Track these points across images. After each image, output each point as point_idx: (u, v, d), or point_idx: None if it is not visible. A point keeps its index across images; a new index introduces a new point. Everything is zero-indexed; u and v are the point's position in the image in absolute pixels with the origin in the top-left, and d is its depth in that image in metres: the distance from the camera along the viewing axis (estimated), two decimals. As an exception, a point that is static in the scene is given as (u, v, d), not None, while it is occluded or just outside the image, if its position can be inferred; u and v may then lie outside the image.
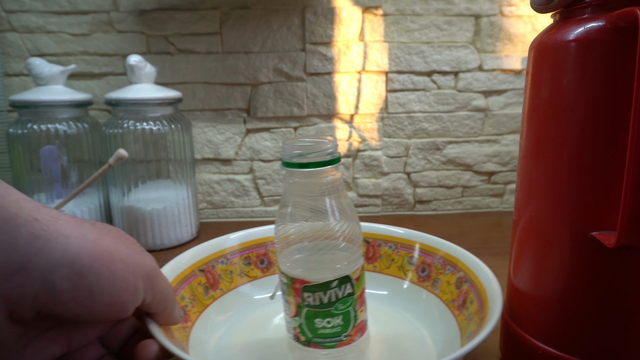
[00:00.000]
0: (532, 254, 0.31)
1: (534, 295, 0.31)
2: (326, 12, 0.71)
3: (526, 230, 0.32)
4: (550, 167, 0.29)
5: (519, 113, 0.76)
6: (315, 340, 0.33)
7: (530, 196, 0.31)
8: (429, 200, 0.79)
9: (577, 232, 0.28)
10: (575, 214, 0.28)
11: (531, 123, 0.31)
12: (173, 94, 0.63)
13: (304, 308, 0.32)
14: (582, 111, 0.27)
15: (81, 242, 0.24)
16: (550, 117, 0.29)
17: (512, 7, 0.72)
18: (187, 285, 0.40)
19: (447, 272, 0.42)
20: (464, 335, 0.35)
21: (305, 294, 0.32)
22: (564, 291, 0.29)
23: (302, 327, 0.33)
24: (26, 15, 0.69)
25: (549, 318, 0.30)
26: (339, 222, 0.32)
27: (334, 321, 0.32)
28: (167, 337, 0.30)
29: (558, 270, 0.29)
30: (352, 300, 0.32)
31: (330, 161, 0.30)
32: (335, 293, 0.31)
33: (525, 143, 0.31)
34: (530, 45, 0.31)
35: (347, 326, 0.33)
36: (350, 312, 0.32)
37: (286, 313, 0.34)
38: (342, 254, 0.33)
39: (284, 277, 0.33)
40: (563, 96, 0.28)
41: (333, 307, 0.32)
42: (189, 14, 0.70)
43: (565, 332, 0.29)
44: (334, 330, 0.32)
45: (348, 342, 0.33)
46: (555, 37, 0.28)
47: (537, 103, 0.30)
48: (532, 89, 0.30)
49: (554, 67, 0.28)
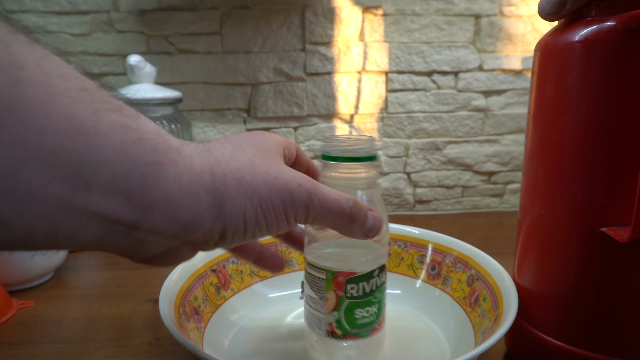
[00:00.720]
0: (540, 250, 0.32)
1: (543, 291, 0.32)
2: (326, 12, 0.71)
3: (533, 228, 0.32)
4: (557, 166, 0.29)
5: (519, 113, 0.76)
6: (353, 332, 0.34)
7: (536, 195, 0.32)
8: (429, 200, 0.79)
9: (585, 228, 0.28)
10: (583, 210, 0.28)
11: (537, 123, 0.31)
12: (173, 94, 0.63)
13: (345, 300, 0.33)
14: (591, 110, 0.27)
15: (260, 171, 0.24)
16: (557, 117, 0.29)
17: (512, 7, 0.72)
18: (199, 286, 0.40)
19: (458, 270, 0.42)
20: (477, 332, 0.36)
21: (349, 286, 0.33)
22: (573, 286, 0.30)
23: (339, 321, 0.33)
24: (26, 15, 0.69)
25: (558, 312, 0.31)
26: None
27: (372, 310, 0.34)
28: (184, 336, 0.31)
29: (567, 265, 0.30)
30: (384, 288, 0.35)
31: (369, 157, 0.32)
32: (375, 282, 0.33)
33: (531, 143, 0.32)
34: (536, 46, 0.31)
35: (380, 314, 0.34)
36: (382, 299, 0.35)
37: (317, 311, 0.34)
38: (372, 246, 0.34)
39: (321, 273, 0.33)
40: (570, 96, 0.28)
41: (372, 296, 0.33)
42: (189, 14, 0.70)
43: (575, 326, 0.30)
44: (370, 320, 0.34)
45: (379, 329, 0.35)
46: (562, 38, 0.28)
47: (543, 103, 0.30)
48: (538, 89, 0.31)
49: (561, 68, 0.28)
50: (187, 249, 0.23)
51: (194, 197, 0.21)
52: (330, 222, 0.27)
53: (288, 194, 0.24)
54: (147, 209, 0.19)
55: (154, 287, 0.51)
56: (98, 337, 0.41)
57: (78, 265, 0.58)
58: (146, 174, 0.19)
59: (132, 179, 0.18)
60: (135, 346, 0.39)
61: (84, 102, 0.17)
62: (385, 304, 0.35)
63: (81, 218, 0.18)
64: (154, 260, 0.23)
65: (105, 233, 0.19)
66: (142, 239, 0.20)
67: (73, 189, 0.17)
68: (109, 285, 0.52)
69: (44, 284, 0.52)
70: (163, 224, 0.20)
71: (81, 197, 0.17)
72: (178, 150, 0.21)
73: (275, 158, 0.26)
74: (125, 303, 0.47)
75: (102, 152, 0.18)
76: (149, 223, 0.20)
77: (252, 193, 0.23)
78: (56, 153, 0.16)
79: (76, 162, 0.17)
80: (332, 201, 0.26)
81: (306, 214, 0.25)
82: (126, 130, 0.19)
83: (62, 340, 0.40)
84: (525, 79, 0.75)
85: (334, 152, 0.32)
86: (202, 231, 0.22)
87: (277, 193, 0.24)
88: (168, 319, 0.32)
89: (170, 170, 0.20)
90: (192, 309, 0.37)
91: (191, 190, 0.21)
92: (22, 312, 0.46)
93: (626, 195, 0.26)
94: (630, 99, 0.26)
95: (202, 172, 0.22)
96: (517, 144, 0.78)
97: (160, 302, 0.34)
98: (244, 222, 0.23)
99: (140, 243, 0.21)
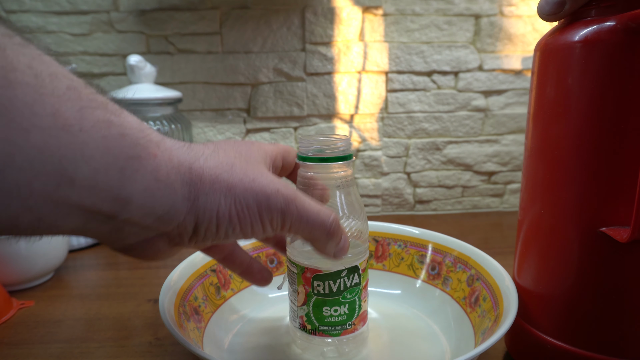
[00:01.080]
0: (540, 250, 0.32)
1: (543, 291, 0.32)
2: (326, 12, 0.71)
3: (532, 228, 0.32)
4: (557, 166, 0.29)
5: (519, 113, 0.76)
6: (321, 329, 0.34)
7: (536, 195, 0.32)
8: (429, 200, 0.79)
9: (585, 228, 0.28)
10: (583, 210, 0.28)
11: (537, 122, 0.31)
12: (173, 94, 0.63)
13: (313, 297, 0.33)
14: (591, 110, 0.27)
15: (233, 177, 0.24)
16: (557, 117, 0.29)
17: (512, 7, 0.72)
18: (199, 286, 0.40)
19: (458, 270, 0.42)
20: (477, 332, 0.36)
21: (316, 283, 0.33)
22: (573, 286, 0.30)
23: (309, 315, 0.34)
24: (26, 15, 0.69)
25: (558, 312, 0.31)
26: (348, 218, 0.33)
27: (341, 309, 0.34)
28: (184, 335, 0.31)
29: (566, 265, 0.30)
30: (358, 289, 0.34)
31: (343, 157, 0.32)
32: (344, 282, 0.33)
33: (531, 142, 0.32)
34: (536, 46, 0.31)
35: (352, 315, 0.34)
36: (356, 301, 0.34)
37: (293, 302, 0.35)
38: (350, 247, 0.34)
39: (294, 267, 0.34)
40: (570, 95, 0.28)
41: (341, 296, 0.33)
42: (189, 14, 0.70)
43: (575, 326, 0.30)
44: (340, 319, 0.34)
45: (352, 330, 0.35)
46: (562, 38, 0.28)
47: (543, 103, 0.30)
48: (538, 89, 0.31)
49: (561, 67, 0.28)
50: (162, 242, 0.24)
51: (170, 189, 0.22)
52: (308, 233, 0.27)
53: (264, 197, 0.24)
54: (125, 202, 0.20)
55: (154, 287, 0.51)
56: (98, 337, 0.41)
57: (78, 265, 0.58)
58: (125, 168, 0.20)
59: (112, 173, 0.19)
60: (135, 346, 0.39)
61: (70, 100, 0.18)
62: (361, 307, 0.35)
63: (63, 209, 0.19)
64: (132, 250, 0.24)
65: (85, 221, 0.20)
66: (119, 227, 0.21)
67: (57, 184, 0.18)
68: (109, 285, 0.52)
69: (44, 284, 0.52)
70: (139, 215, 0.21)
71: (64, 191, 0.18)
72: (158, 144, 0.22)
73: (258, 164, 0.27)
74: (125, 303, 0.47)
75: (85, 148, 0.18)
76: (126, 214, 0.21)
77: (227, 191, 0.23)
78: (42, 150, 0.17)
79: (60, 159, 0.18)
80: (312, 212, 0.26)
81: (282, 220, 0.25)
82: (109, 126, 0.19)
83: (62, 340, 0.40)
84: (525, 79, 0.75)
85: (309, 153, 0.32)
86: (176, 223, 0.23)
87: (253, 194, 0.24)
88: (168, 319, 0.32)
89: (149, 164, 0.21)
90: (192, 308, 0.37)
91: (168, 182, 0.22)
92: (22, 312, 0.46)
93: (626, 195, 0.26)
94: (630, 99, 0.26)
95: (181, 165, 0.23)
96: (517, 144, 0.78)
97: (160, 302, 0.34)
98: (217, 218, 0.23)
99: (118, 231, 0.22)
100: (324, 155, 0.32)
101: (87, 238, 0.64)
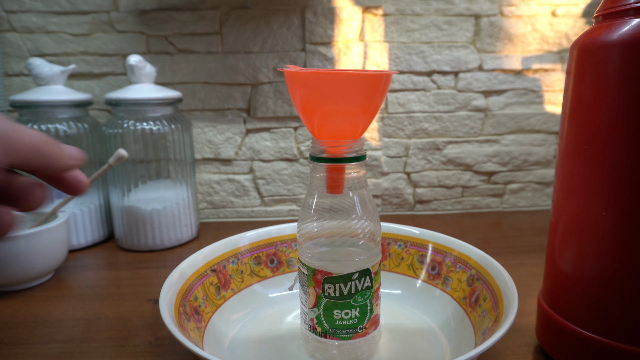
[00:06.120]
0: (574, 246, 0.32)
1: (579, 285, 0.32)
2: (326, 12, 0.71)
3: (568, 225, 0.33)
4: (594, 164, 0.30)
5: (519, 113, 0.76)
6: (332, 332, 0.34)
7: (571, 192, 0.32)
8: (429, 200, 0.79)
9: (624, 223, 0.29)
10: (623, 206, 0.29)
11: (572, 122, 0.32)
12: (173, 94, 0.63)
13: (323, 299, 0.33)
14: (630, 108, 0.28)
15: None
16: (595, 116, 0.29)
17: (512, 7, 0.72)
18: (199, 286, 0.40)
19: (458, 270, 0.42)
20: (477, 332, 0.36)
21: (326, 285, 0.33)
22: (610, 279, 0.30)
23: (319, 318, 0.34)
24: (26, 15, 0.69)
25: (593, 305, 0.31)
26: (361, 219, 0.33)
27: (352, 313, 0.33)
28: (185, 335, 0.31)
29: (605, 260, 0.30)
30: (370, 293, 0.34)
31: (357, 158, 0.32)
32: (355, 285, 0.33)
33: (566, 142, 0.32)
34: (572, 45, 0.32)
35: (364, 318, 0.34)
36: (367, 304, 0.34)
37: (304, 304, 0.35)
38: (362, 249, 0.34)
39: (305, 269, 0.34)
40: (608, 95, 0.28)
41: (352, 299, 0.33)
42: (189, 14, 0.70)
43: (610, 318, 0.30)
44: (351, 322, 0.34)
45: (363, 334, 0.34)
46: (600, 37, 0.29)
47: (580, 102, 0.31)
48: (575, 88, 0.31)
49: (599, 67, 0.29)
50: None
51: None
52: (35, 154, 0.26)
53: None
54: None
55: (154, 287, 0.51)
56: (98, 337, 0.41)
57: (78, 265, 0.58)
58: None
59: None
60: (135, 346, 0.39)
61: None
62: (373, 310, 0.34)
63: None
64: None
65: None
66: None
67: None
68: (109, 285, 0.52)
69: (44, 284, 0.52)
70: None
71: None
72: None
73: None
74: (125, 303, 0.47)
75: None
76: None
77: None
78: None
79: None
80: (32, 135, 0.26)
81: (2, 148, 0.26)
82: None
83: (62, 340, 0.41)
84: (525, 79, 0.75)
85: (322, 154, 0.32)
86: None
87: None
88: (168, 318, 0.32)
89: None
90: (192, 308, 0.37)
91: None
92: (22, 312, 0.46)
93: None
94: None
95: None
96: (517, 144, 0.78)
97: (160, 302, 0.34)
98: None
99: None
100: (337, 155, 0.32)
101: (86, 238, 0.64)
